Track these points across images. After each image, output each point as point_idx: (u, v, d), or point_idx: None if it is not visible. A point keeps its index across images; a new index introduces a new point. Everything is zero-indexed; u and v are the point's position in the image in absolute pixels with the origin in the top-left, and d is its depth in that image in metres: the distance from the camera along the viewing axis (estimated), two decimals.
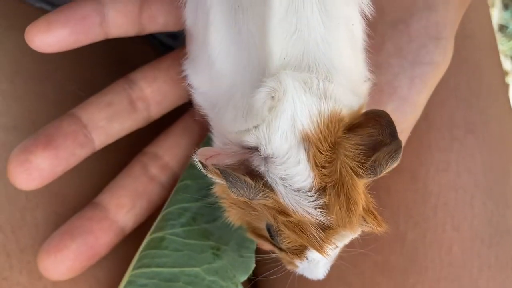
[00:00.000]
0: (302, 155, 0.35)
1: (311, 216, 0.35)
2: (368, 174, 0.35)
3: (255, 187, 0.34)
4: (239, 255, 0.44)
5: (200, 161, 0.35)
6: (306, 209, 0.35)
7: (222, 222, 0.42)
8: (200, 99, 0.41)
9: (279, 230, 0.37)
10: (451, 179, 0.51)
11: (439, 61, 0.45)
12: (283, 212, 0.35)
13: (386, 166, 0.34)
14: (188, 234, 0.44)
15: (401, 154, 0.34)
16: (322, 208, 0.35)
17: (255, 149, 0.35)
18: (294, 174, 0.35)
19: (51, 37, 0.41)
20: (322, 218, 0.35)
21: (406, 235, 0.50)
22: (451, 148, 0.52)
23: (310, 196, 0.35)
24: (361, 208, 0.36)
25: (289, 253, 0.38)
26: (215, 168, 0.34)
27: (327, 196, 0.35)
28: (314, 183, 0.35)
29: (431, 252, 0.50)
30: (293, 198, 0.35)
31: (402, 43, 0.45)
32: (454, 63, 0.47)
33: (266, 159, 0.35)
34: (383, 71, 0.44)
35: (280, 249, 0.39)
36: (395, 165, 0.35)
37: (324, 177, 0.35)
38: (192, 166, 0.46)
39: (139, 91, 0.46)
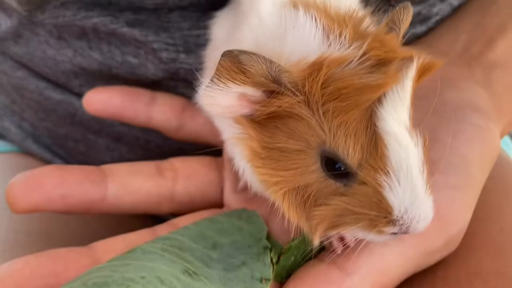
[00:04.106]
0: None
1: (351, 57, 0.31)
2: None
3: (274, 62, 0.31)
4: None
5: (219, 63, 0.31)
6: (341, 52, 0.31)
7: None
8: None
9: (335, 135, 0.31)
10: None
11: (481, 124, 0.43)
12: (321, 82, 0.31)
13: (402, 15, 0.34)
14: (165, 248, 0.37)
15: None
16: (360, 49, 0.31)
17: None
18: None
19: (104, 96, 0.49)
20: (364, 57, 0.31)
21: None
22: None
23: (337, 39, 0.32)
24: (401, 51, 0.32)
25: (367, 171, 0.31)
26: (232, 55, 0.31)
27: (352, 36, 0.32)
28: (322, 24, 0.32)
29: None
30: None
31: (435, 106, 0.43)
32: None
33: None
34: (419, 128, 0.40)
35: (353, 179, 0.32)
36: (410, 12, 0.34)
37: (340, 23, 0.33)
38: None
39: (169, 164, 0.46)
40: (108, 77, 0.55)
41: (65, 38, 0.54)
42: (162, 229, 0.42)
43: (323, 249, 0.39)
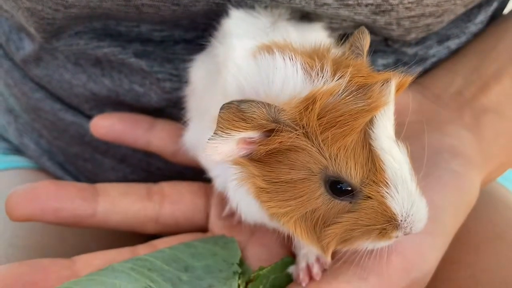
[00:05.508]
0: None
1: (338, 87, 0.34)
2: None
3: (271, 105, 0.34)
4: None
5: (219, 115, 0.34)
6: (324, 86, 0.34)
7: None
8: None
9: (336, 159, 0.34)
10: None
11: (459, 171, 0.43)
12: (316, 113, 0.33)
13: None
14: (133, 268, 0.40)
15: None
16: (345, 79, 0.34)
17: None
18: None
19: (108, 122, 0.53)
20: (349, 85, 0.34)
21: None
22: None
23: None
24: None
25: (370, 186, 0.34)
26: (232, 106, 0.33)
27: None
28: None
29: None
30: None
31: (415, 150, 0.43)
32: None
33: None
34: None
35: (358, 196, 0.35)
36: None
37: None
38: None
39: (159, 188, 0.49)
40: (116, 103, 0.58)
41: (81, 64, 0.58)
42: (142, 249, 0.44)
43: (291, 281, 0.41)
